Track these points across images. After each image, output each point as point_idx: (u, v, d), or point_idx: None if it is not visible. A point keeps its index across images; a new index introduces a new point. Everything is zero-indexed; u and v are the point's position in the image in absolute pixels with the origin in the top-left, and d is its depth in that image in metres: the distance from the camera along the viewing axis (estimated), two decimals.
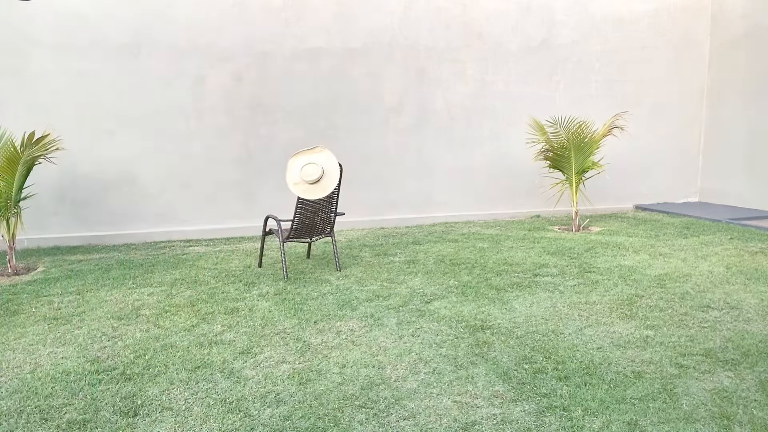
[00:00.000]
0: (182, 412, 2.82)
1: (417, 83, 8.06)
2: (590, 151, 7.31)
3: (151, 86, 7.04)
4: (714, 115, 9.36)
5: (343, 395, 2.95)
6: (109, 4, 6.81)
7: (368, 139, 7.95)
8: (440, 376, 3.15)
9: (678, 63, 9.25)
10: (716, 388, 2.95)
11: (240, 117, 7.41)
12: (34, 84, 6.65)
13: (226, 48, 7.25)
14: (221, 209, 7.46)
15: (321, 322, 4.03)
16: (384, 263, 5.76)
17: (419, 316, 4.12)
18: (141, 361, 3.42)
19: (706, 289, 4.69)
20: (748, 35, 8.68)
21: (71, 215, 6.93)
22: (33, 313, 4.32)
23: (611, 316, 4.09)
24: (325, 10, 7.57)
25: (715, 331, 3.75)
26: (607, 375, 3.13)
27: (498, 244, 6.61)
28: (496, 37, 8.31)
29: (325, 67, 7.65)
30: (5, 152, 5.43)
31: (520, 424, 2.64)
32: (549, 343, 3.60)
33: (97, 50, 6.82)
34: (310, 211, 5.26)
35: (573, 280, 5.03)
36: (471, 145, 8.40)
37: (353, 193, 7.85)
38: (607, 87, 8.94)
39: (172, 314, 4.26)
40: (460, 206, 8.48)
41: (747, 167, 8.82)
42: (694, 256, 5.84)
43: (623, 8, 8.85)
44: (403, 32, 7.91)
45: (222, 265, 5.79)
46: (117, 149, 6.99)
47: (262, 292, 4.81)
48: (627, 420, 2.66)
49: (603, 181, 8.92)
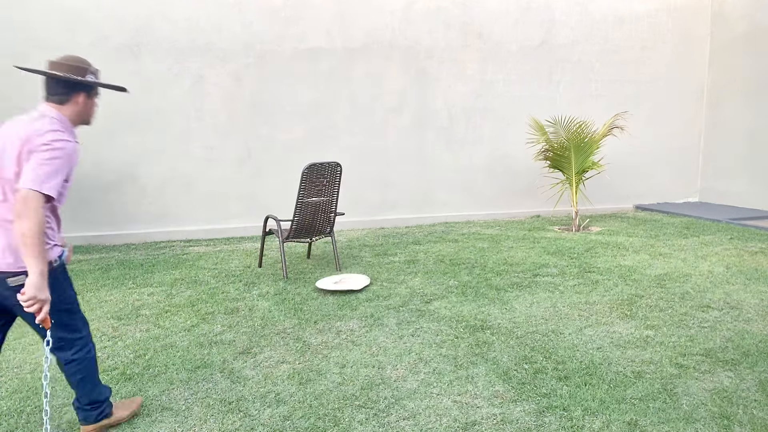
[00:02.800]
0: (182, 412, 2.81)
1: (417, 83, 8.06)
2: (590, 151, 7.31)
3: (151, 86, 7.04)
4: (714, 115, 9.36)
5: (343, 395, 2.95)
6: (109, 4, 6.81)
7: (368, 139, 7.95)
8: (440, 376, 3.15)
9: (678, 63, 9.25)
10: (716, 388, 2.95)
11: (240, 117, 7.42)
12: (34, 84, 6.65)
13: (226, 48, 7.25)
14: (221, 209, 7.47)
15: (321, 322, 4.03)
16: (384, 263, 5.76)
17: (419, 316, 4.12)
18: (141, 361, 3.42)
19: (706, 289, 4.69)
20: (748, 35, 8.68)
21: (71, 215, 6.93)
22: None
23: (611, 316, 4.09)
24: (325, 10, 7.57)
25: (715, 331, 3.75)
26: (607, 375, 3.12)
27: (498, 244, 6.61)
28: (496, 37, 8.31)
29: (325, 67, 7.65)
30: None
31: (520, 424, 2.64)
32: (549, 343, 3.60)
33: (97, 50, 6.82)
34: (310, 211, 5.26)
35: (573, 280, 5.03)
36: (471, 145, 8.40)
37: (353, 193, 7.85)
38: (607, 87, 8.94)
39: (172, 314, 4.26)
40: (460, 206, 8.48)
41: (747, 167, 8.82)
42: (694, 256, 5.84)
43: (623, 8, 8.85)
44: (403, 32, 7.91)
45: (222, 265, 5.79)
46: (117, 149, 6.99)
47: (262, 292, 4.81)
48: (627, 420, 2.65)
49: (603, 181, 8.92)
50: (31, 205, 2.04)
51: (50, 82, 2.32)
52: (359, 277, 5.04)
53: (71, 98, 2.35)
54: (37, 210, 2.04)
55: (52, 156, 2.12)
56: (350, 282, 4.88)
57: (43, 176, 2.08)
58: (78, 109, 2.39)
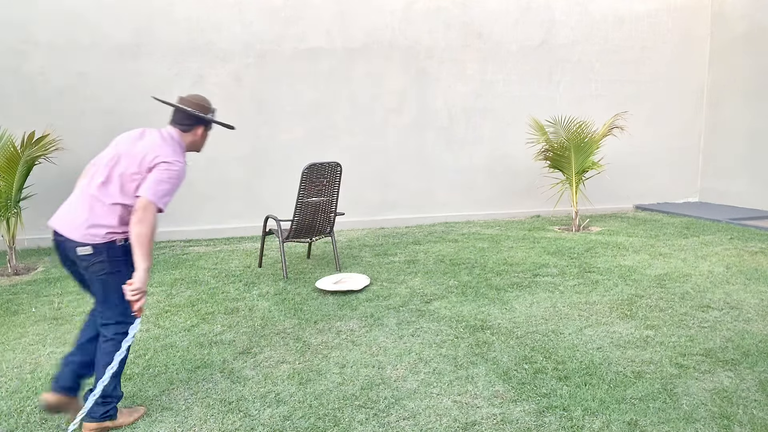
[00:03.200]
0: (182, 412, 2.82)
1: (417, 83, 8.06)
2: (590, 151, 7.31)
3: (151, 86, 7.04)
4: (714, 115, 9.37)
5: (343, 395, 2.95)
6: (109, 4, 6.81)
7: (368, 139, 7.95)
8: (440, 376, 3.15)
9: (678, 63, 9.25)
10: (716, 388, 2.95)
11: (240, 117, 7.41)
12: (34, 84, 6.66)
13: (226, 48, 7.25)
14: (221, 209, 7.47)
15: (321, 322, 4.03)
16: (384, 263, 5.76)
17: (419, 316, 4.12)
18: (141, 361, 3.42)
19: (706, 289, 4.69)
20: (748, 35, 8.68)
21: None
22: (33, 313, 4.33)
23: (611, 316, 4.09)
24: (325, 10, 7.57)
25: (715, 331, 3.75)
26: (607, 375, 3.13)
27: (498, 244, 6.61)
28: (496, 37, 8.31)
29: (325, 67, 7.65)
30: (5, 152, 5.43)
31: (520, 424, 2.64)
32: (549, 343, 3.60)
33: (97, 50, 6.82)
34: (310, 211, 5.26)
35: (573, 280, 5.03)
36: (471, 145, 8.40)
37: (353, 193, 7.85)
38: (607, 87, 8.94)
39: (172, 314, 4.27)
40: (460, 206, 8.48)
41: (747, 167, 8.82)
42: (694, 256, 5.84)
43: (623, 8, 8.85)
44: (403, 32, 7.91)
45: (222, 265, 5.79)
46: None
47: (262, 292, 4.81)
48: (627, 420, 2.66)
49: (603, 181, 8.92)
50: (149, 214, 2.50)
51: (179, 113, 2.82)
52: (359, 277, 5.04)
53: (192, 129, 2.84)
54: (152, 219, 2.51)
55: (170, 176, 2.59)
56: (350, 282, 4.88)
57: (161, 193, 2.55)
58: (195, 139, 2.87)
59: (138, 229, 2.47)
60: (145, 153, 2.62)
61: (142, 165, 2.59)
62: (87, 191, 2.62)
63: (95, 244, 2.54)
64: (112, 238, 2.56)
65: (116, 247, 2.58)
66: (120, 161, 2.63)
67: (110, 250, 2.56)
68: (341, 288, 4.71)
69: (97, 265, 2.55)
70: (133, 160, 2.61)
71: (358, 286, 4.77)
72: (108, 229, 2.55)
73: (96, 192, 2.59)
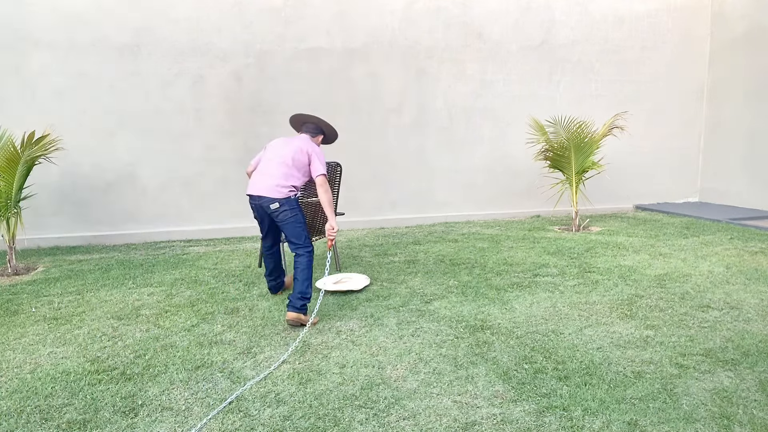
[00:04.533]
0: (182, 412, 2.82)
1: (417, 83, 8.06)
2: (590, 151, 7.31)
3: (151, 86, 7.04)
4: (714, 115, 9.37)
5: (343, 395, 2.95)
6: (109, 4, 6.81)
7: (368, 139, 7.95)
8: (440, 376, 3.15)
9: (678, 63, 9.25)
10: (716, 388, 2.95)
11: (240, 117, 7.42)
12: (34, 84, 6.66)
13: (226, 48, 7.26)
14: (221, 209, 7.47)
15: (321, 322, 4.03)
16: (384, 263, 5.76)
17: (419, 316, 4.12)
18: (141, 361, 3.42)
19: (706, 289, 4.69)
20: (748, 35, 8.68)
21: (71, 215, 6.93)
22: (33, 313, 4.33)
23: (611, 316, 4.09)
24: (325, 10, 7.57)
25: (715, 331, 3.75)
26: (607, 375, 3.13)
27: (498, 244, 6.61)
28: (496, 37, 8.31)
29: (325, 67, 7.65)
30: (5, 152, 5.42)
31: (520, 424, 2.64)
32: (549, 343, 3.60)
33: (97, 50, 6.82)
34: (309, 211, 5.26)
35: (573, 280, 5.03)
36: (471, 145, 8.41)
37: (353, 193, 7.86)
38: (607, 87, 8.94)
39: (172, 314, 4.27)
40: (460, 206, 8.48)
41: (747, 167, 8.82)
42: (694, 256, 5.84)
43: (623, 8, 8.85)
44: (403, 32, 7.91)
45: (222, 265, 5.79)
46: (117, 149, 6.99)
47: (262, 292, 4.81)
48: (627, 420, 2.66)
49: (603, 181, 8.93)
50: (326, 183, 4.13)
51: (310, 126, 4.45)
52: (359, 277, 5.04)
53: (316, 136, 4.48)
54: (328, 186, 4.14)
55: (320, 155, 4.23)
56: (350, 282, 4.88)
57: (321, 167, 4.17)
58: (317, 142, 4.49)
59: (325, 195, 4.09)
60: (306, 150, 4.18)
61: (298, 154, 4.15)
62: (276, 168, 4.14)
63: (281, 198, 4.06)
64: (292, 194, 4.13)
65: (293, 199, 4.11)
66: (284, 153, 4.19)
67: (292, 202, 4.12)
68: (341, 288, 4.72)
69: (287, 212, 4.05)
70: (290, 151, 4.16)
71: (358, 286, 4.77)
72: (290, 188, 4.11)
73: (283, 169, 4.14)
